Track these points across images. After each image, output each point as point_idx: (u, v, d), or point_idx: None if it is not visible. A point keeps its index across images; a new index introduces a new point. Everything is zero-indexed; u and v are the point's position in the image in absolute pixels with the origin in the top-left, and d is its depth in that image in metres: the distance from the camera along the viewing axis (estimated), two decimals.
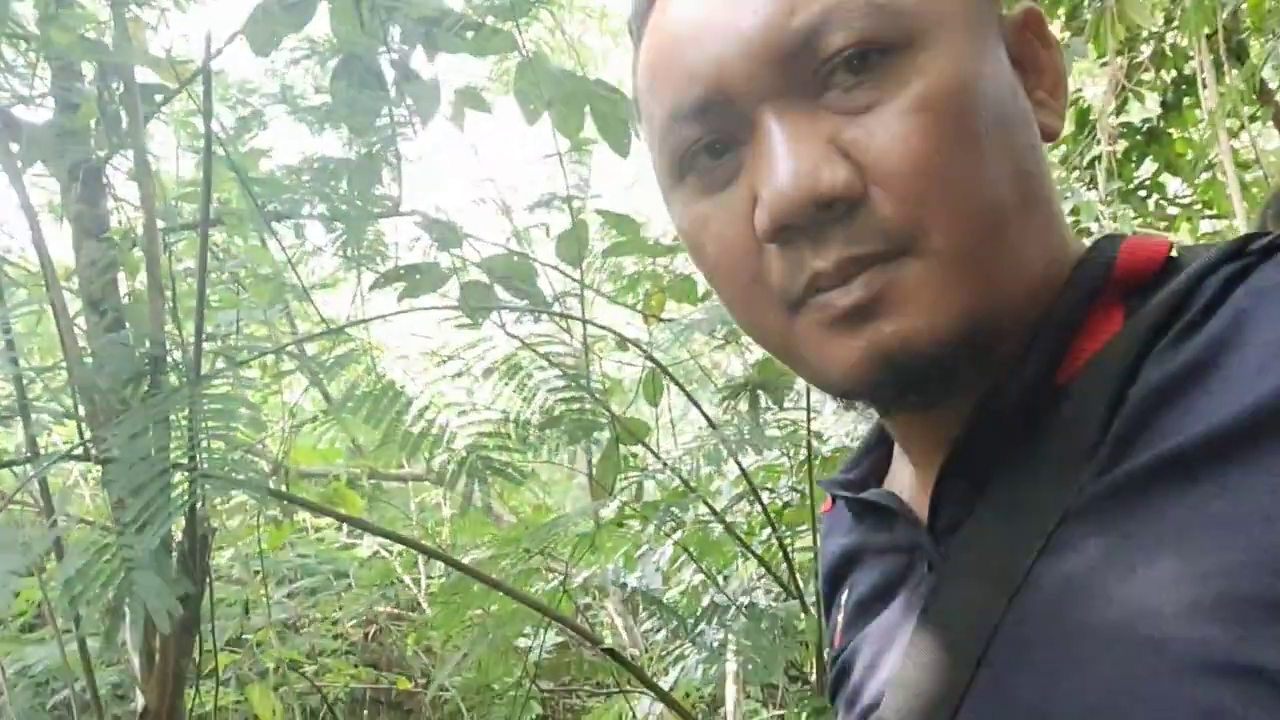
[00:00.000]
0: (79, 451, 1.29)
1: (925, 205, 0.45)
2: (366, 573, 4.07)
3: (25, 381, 1.31)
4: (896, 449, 0.61)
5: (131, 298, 1.89)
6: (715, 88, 0.47)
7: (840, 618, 0.62)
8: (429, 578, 4.44)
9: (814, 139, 0.45)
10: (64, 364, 1.41)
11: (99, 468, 1.35)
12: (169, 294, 2.02)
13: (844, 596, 0.61)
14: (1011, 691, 0.41)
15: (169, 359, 1.31)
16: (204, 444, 1.21)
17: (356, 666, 4.11)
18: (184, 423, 1.23)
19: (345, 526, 4.49)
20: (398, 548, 4.60)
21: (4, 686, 3.29)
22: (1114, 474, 0.40)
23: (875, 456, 0.64)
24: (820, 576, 0.67)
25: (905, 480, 0.58)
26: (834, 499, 0.66)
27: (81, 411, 1.39)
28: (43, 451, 1.30)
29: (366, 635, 4.50)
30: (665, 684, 2.42)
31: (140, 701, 1.57)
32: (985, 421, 0.47)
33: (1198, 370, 0.39)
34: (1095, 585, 0.38)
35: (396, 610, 4.45)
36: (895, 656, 0.50)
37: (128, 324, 1.68)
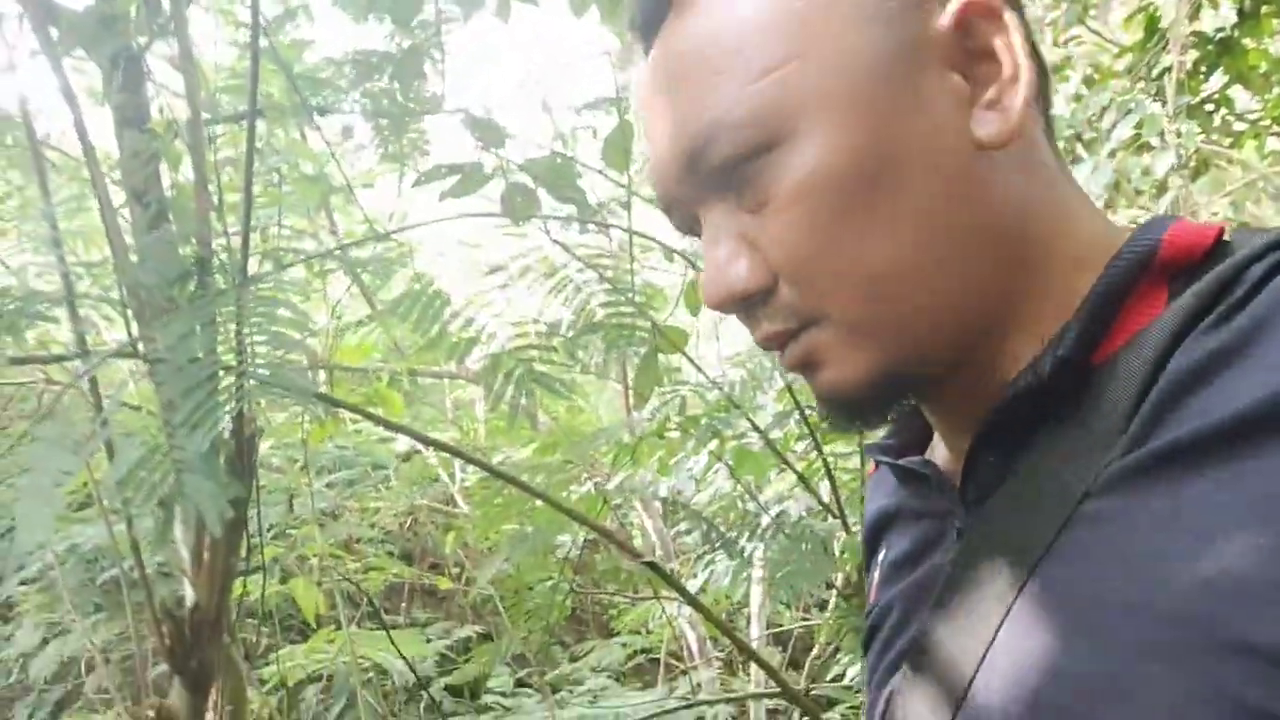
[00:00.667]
0: (128, 350, 1.29)
1: (817, 288, 0.50)
2: (405, 468, 4.14)
3: (72, 277, 1.30)
4: None
5: (175, 190, 1.87)
6: (663, 195, 0.55)
7: (876, 575, 0.64)
8: (464, 474, 4.52)
9: (728, 240, 0.51)
10: (110, 258, 1.40)
11: (147, 365, 1.34)
12: (212, 188, 2.00)
13: (881, 555, 0.64)
14: (1029, 655, 0.43)
15: (215, 259, 1.29)
16: (250, 347, 1.20)
17: (392, 555, 4.22)
18: (230, 324, 1.22)
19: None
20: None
21: (55, 562, 3.41)
22: (1138, 454, 0.41)
23: (920, 423, 0.64)
24: (862, 535, 0.70)
25: (943, 449, 0.60)
26: (877, 463, 0.68)
27: (129, 310, 1.38)
28: (91, 348, 1.30)
29: (402, 525, 4.61)
30: (693, 586, 2.46)
31: (189, 595, 1.61)
32: (1018, 397, 0.48)
33: (1229, 354, 0.40)
34: (1111, 559, 0.40)
35: (432, 504, 4.54)
36: (923, 615, 0.52)
37: (172, 218, 1.66)
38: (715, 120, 0.49)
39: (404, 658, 2.71)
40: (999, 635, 0.45)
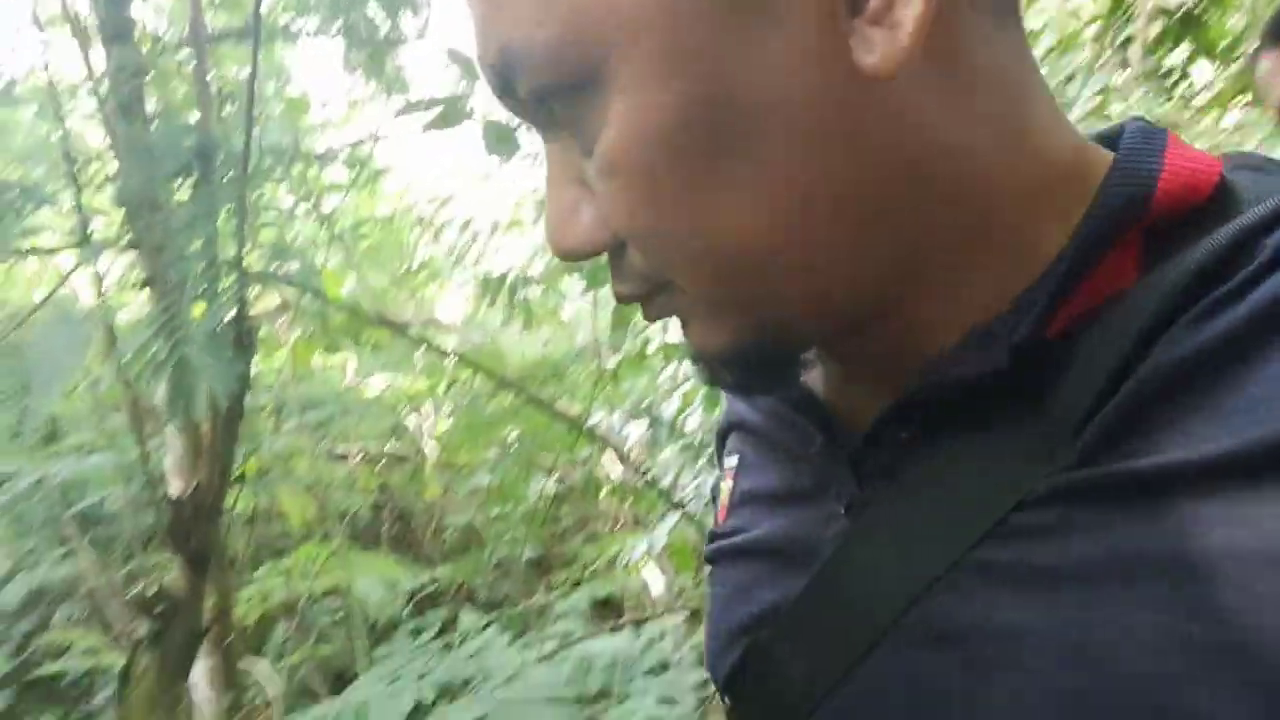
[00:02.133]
0: (126, 240, 1.32)
1: (660, 259, 0.40)
2: (375, 411, 4.17)
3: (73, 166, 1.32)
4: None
5: (163, 105, 1.88)
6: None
7: (726, 487, 0.56)
8: (432, 422, 4.55)
9: (567, 185, 0.41)
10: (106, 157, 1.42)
11: (141, 268, 1.38)
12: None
13: (731, 461, 0.56)
14: (928, 673, 0.37)
15: (215, 155, 1.33)
16: (252, 237, 1.24)
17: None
18: (231, 217, 1.25)
19: (349, 369, 4.58)
20: (405, 391, 4.69)
21: (25, 493, 3.41)
22: (1093, 472, 0.34)
23: None
24: (715, 432, 0.62)
25: (831, 380, 0.49)
26: None
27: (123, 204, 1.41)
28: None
29: (371, 473, 4.64)
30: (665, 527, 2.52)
31: (174, 488, 1.65)
32: (954, 382, 0.39)
33: (1219, 363, 0.32)
34: (1049, 588, 0.34)
35: (401, 454, 4.58)
36: (788, 586, 0.45)
37: (157, 129, 1.68)
38: (509, 44, 0.37)
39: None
40: (887, 640, 0.39)
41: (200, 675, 1.73)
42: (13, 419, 1.14)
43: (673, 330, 2.25)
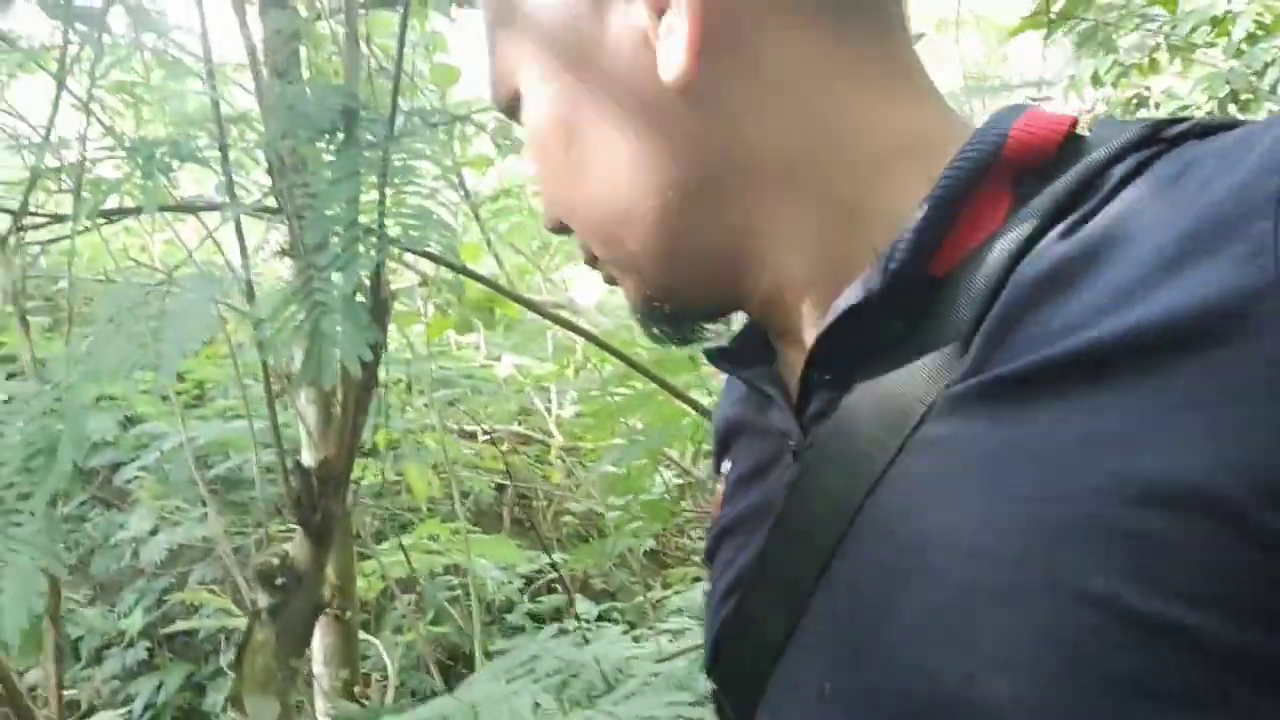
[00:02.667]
0: (270, 203, 1.29)
1: (574, 229, 0.53)
2: (503, 391, 4.18)
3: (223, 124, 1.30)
4: None
5: (314, 70, 1.87)
6: None
7: (720, 489, 0.61)
8: (560, 407, 4.53)
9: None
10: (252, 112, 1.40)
11: (282, 219, 1.34)
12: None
13: (725, 466, 0.61)
14: (859, 589, 0.41)
15: (362, 116, 1.28)
16: (395, 200, 1.18)
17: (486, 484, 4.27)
18: (374, 180, 1.20)
19: (483, 347, 4.60)
20: (534, 374, 4.69)
21: (167, 454, 3.53)
22: (979, 378, 0.38)
23: (764, 331, 0.59)
24: (712, 444, 0.67)
25: (782, 356, 0.55)
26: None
27: (270, 163, 1.38)
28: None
29: (497, 454, 4.66)
30: None
31: (308, 457, 1.63)
32: (848, 315, 0.44)
33: (1078, 266, 0.37)
34: (946, 493, 0.38)
35: (527, 433, 4.58)
36: (758, 539, 0.50)
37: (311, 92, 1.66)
38: (487, 70, 0.54)
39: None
40: (831, 565, 0.43)
41: (318, 649, 1.71)
42: (150, 377, 1.11)
43: None
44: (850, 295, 0.44)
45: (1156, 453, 0.32)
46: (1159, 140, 0.40)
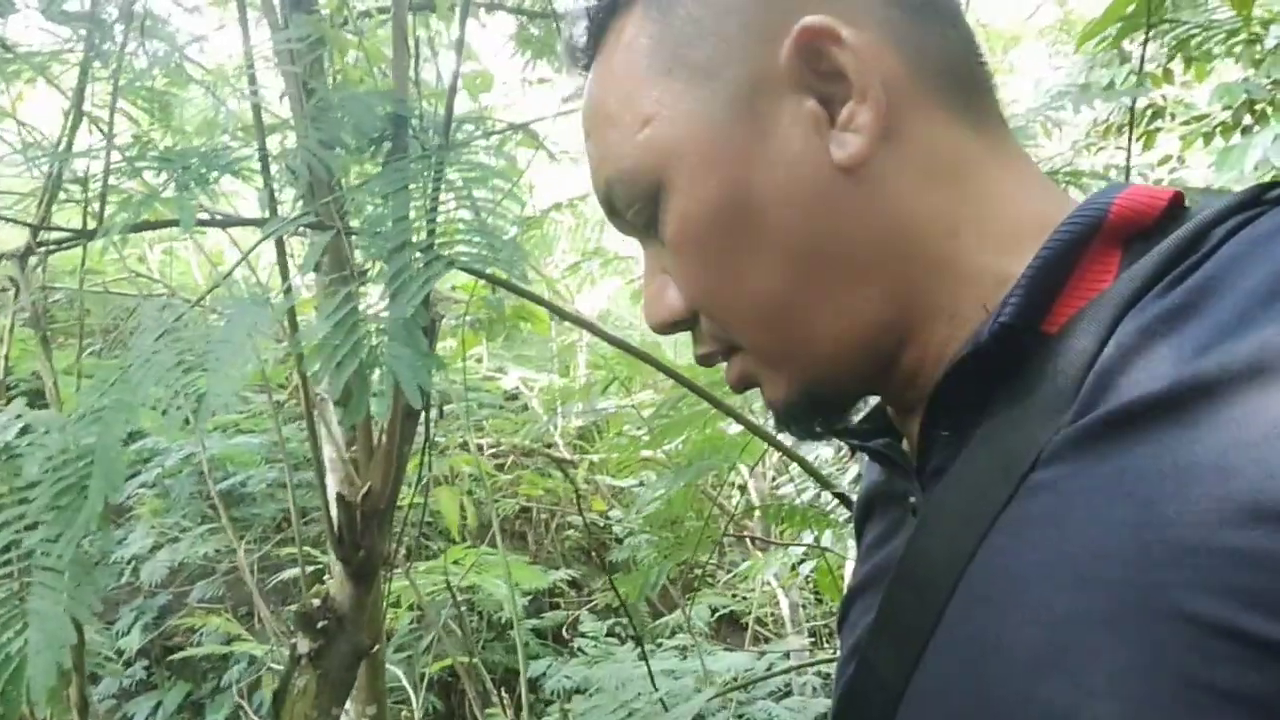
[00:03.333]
0: (317, 215, 1.20)
1: (720, 321, 0.54)
2: (513, 406, 4.09)
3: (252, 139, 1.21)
4: None
5: (341, 76, 1.78)
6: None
7: (855, 556, 0.65)
8: (564, 418, 4.45)
9: (656, 273, 0.56)
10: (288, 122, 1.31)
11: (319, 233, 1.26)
12: (377, 71, 1.93)
13: (865, 540, 0.63)
14: (971, 629, 0.42)
15: (413, 123, 1.20)
16: (450, 215, 1.10)
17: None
18: (427, 191, 1.12)
19: (484, 360, 4.52)
20: (536, 387, 4.60)
21: (169, 471, 3.43)
22: (1085, 421, 0.40)
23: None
24: (858, 500, 0.70)
25: (901, 422, 0.58)
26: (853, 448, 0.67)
27: (302, 179, 1.29)
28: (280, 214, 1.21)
29: (501, 468, 4.57)
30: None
31: (332, 487, 1.54)
32: (960, 367, 0.47)
33: (1178, 315, 0.39)
34: (1052, 528, 0.39)
35: (534, 446, 4.49)
36: (880, 596, 0.51)
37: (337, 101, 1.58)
38: (610, 173, 0.54)
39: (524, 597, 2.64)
40: (947, 611, 0.44)
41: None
42: (189, 404, 1.02)
43: None
44: (961, 348, 0.47)
45: (1250, 475, 0.33)
46: (1262, 202, 0.42)
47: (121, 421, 0.99)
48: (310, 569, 2.79)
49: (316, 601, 1.19)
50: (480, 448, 4.09)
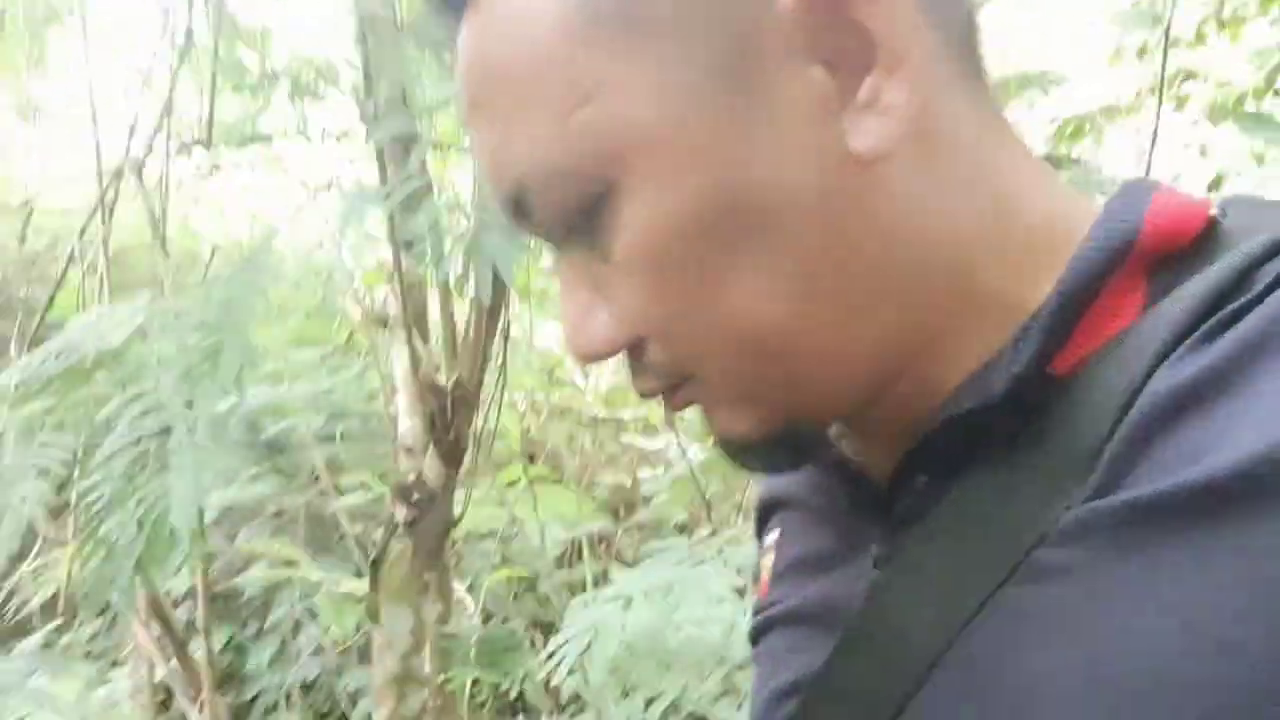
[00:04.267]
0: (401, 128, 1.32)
1: (682, 350, 0.42)
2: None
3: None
4: None
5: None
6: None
7: (767, 563, 0.56)
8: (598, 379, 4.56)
9: (582, 290, 0.43)
10: None
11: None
12: None
13: (772, 537, 0.56)
14: None
15: None
16: None
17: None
18: None
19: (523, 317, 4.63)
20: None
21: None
22: (1106, 503, 0.33)
23: None
24: (755, 508, 0.61)
25: (855, 442, 0.49)
26: None
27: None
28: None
29: (522, 423, 4.69)
30: None
31: (403, 403, 1.66)
32: (963, 418, 0.39)
33: (1217, 381, 0.32)
34: (1065, 628, 0.33)
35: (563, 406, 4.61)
36: (822, 647, 0.44)
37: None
38: (527, 168, 0.39)
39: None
40: (925, 694, 0.37)
41: None
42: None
43: None
44: (966, 398, 0.40)
45: None
46: None
47: (249, 304, 1.12)
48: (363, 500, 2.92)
49: (412, 476, 1.32)
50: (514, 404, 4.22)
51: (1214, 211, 0.39)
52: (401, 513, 1.31)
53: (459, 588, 2.33)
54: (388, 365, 1.88)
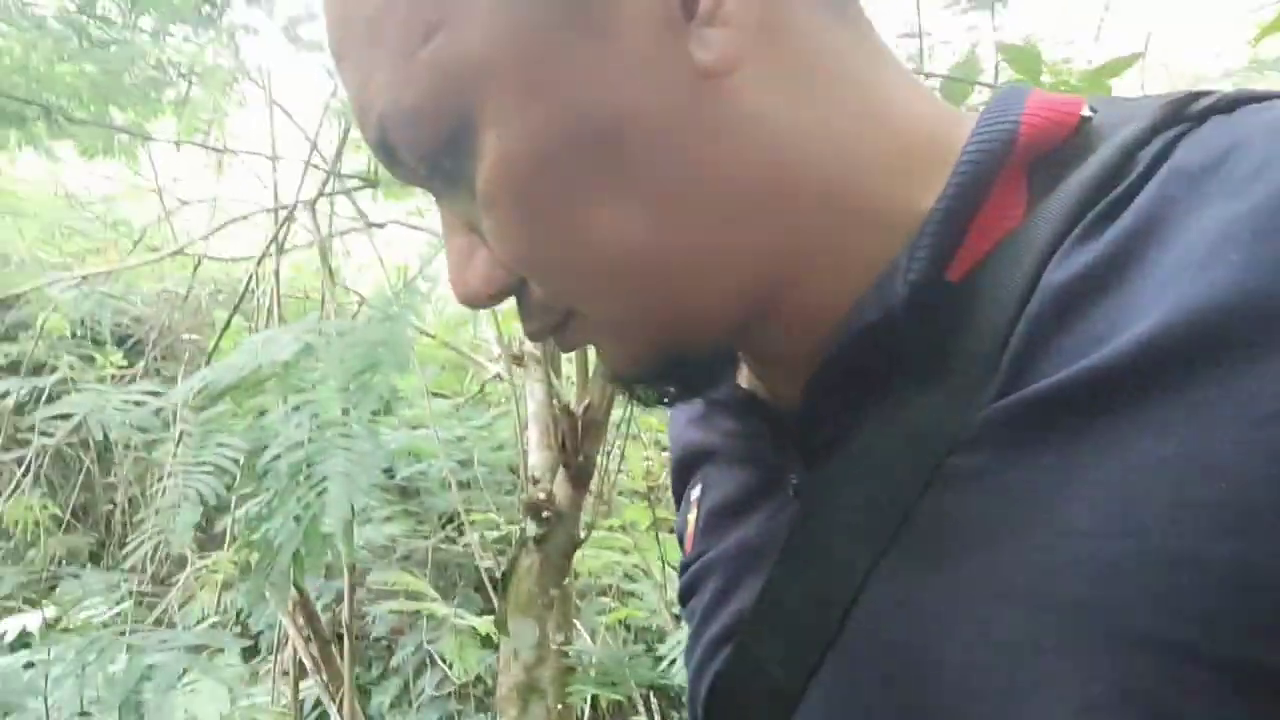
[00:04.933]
0: None
1: (555, 287, 0.41)
2: None
3: None
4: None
5: None
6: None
7: (692, 518, 0.55)
8: None
9: (460, 232, 0.43)
10: None
11: None
12: None
13: (695, 492, 0.55)
14: (894, 638, 0.36)
15: None
16: None
17: None
18: None
19: None
20: None
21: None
22: (1012, 400, 0.34)
23: None
24: (670, 469, 0.61)
25: (762, 375, 0.49)
26: None
27: None
28: None
29: None
30: None
31: (537, 457, 1.75)
32: (862, 335, 0.39)
33: (1107, 273, 0.33)
34: (985, 532, 0.33)
35: None
36: (752, 588, 0.45)
37: None
38: (385, 110, 0.39)
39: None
40: (854, 612, 0.38)
41: None
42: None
43: None
44: (867, 311, 0.39)
45: (1249, 471, 0.28)
46: (1184, 118, 0.36)
47: (407, 320, 1.22)
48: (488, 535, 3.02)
49: (542, 495, 1.39)
50: None
51: (1085, 111, 0.39)
52: (531, 528, 1.38)
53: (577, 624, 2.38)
54: (523, 399, 1.98)
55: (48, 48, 2.17)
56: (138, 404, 1.39)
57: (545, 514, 1.38)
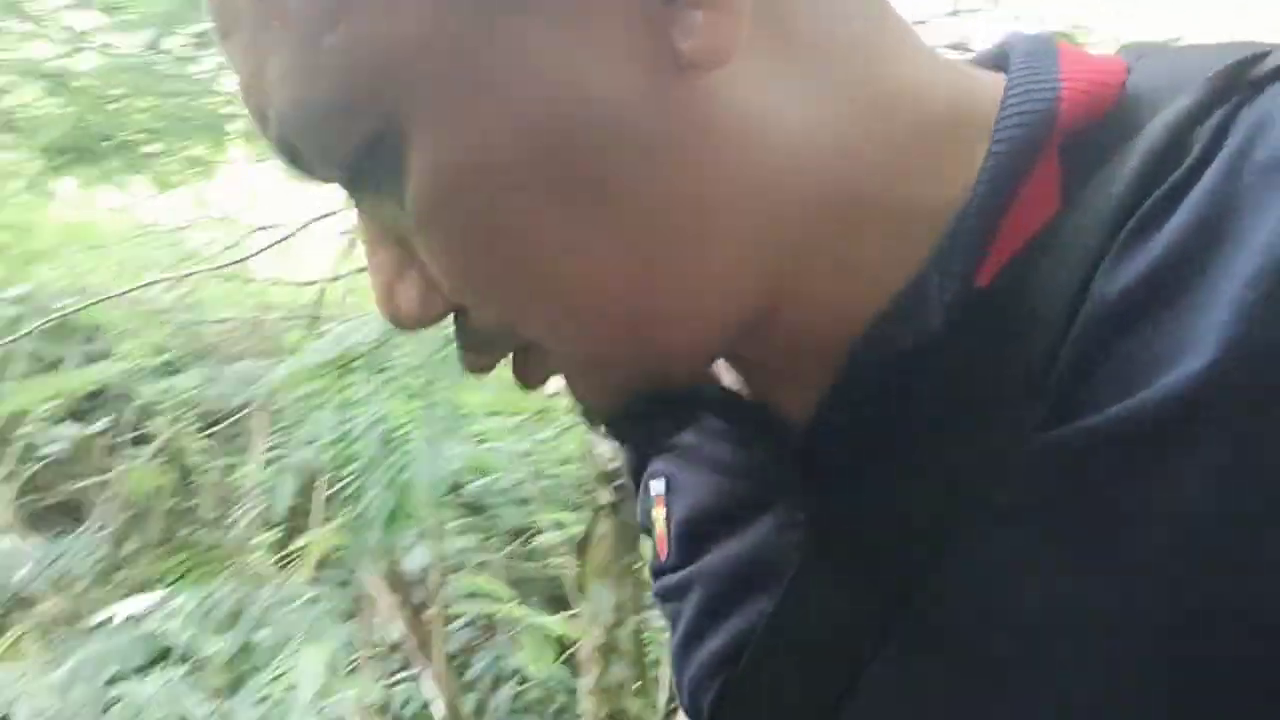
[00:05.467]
0: None
1: (509, 320, 0.34)
2: None
3: None
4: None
5: None
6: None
7: (660, 517, 0.49)
8: None
9: (382, 246, 0.35)
10: None
11: None
12: None
13: (658, 486, 0.49)
14: (930, 683, 0.34)
15: None
16: None
17: None
18: None
19: None
20: None
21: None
22: (1061, 432, 0.30)
23: None
24: (625, 457, 0.56)
25: (751, 381, 0.42)
26: None
27: None
28: None
29: None
30: None
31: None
32: (891, 358, 0.34)
33: (1165, 283, 0.29)
34: (1036, 571, 0.30)
35: None
36: (750, 611, 0.41)
37: None
38: (284, 109, 0.32)
39: None
40: (874, 665, 0.34)
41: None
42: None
43: None
44: (894, 332, 0.34)
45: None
46: (1241, 85, 0.31)
47: None
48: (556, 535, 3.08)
49: (615, 464, 1.45)
50: None
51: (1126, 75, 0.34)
52: (605, 496, 1.44)
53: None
54: None
55: (125, 85, 2.31)
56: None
57: (617, 483, 1.44)
